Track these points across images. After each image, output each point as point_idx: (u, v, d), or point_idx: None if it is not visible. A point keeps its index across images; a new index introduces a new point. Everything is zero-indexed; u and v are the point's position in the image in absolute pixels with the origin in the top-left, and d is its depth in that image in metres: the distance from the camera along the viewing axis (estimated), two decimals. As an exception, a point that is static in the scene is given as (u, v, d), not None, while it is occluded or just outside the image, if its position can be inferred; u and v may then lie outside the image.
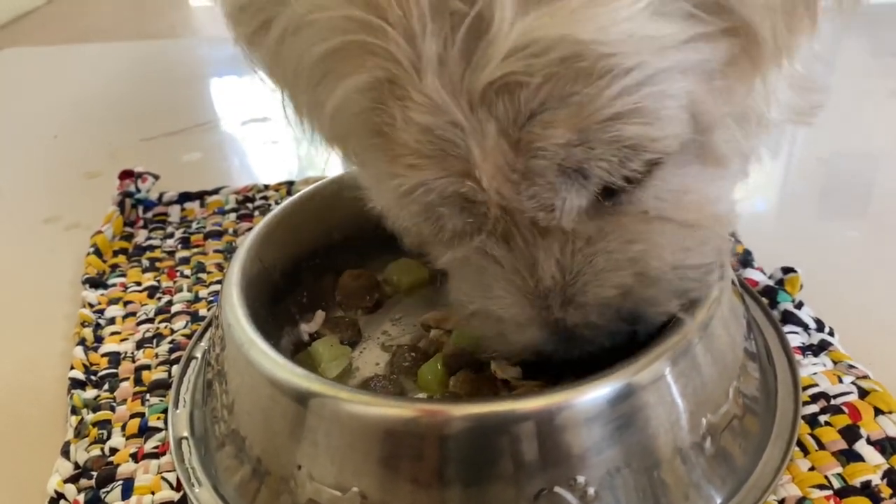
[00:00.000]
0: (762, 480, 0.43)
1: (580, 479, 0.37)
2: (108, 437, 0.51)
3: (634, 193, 0.38)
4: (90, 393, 0.54)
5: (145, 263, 0.70)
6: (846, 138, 0.86)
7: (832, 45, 1.15)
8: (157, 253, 0.71)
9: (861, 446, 0.45)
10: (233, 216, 0.76)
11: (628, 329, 0.41)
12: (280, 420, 0.41)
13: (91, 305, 0.64)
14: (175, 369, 0.55)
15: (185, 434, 0.49)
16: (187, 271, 0.68)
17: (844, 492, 0.43)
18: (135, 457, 0.49)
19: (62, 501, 0.46)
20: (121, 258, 0.71)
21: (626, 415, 0.39)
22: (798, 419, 0.46)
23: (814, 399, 0.49)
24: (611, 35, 0.31)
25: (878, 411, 0.47)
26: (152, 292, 0.65)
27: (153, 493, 0.46)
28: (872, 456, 0.45)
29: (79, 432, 0.51)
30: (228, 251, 0.70)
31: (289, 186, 0.80)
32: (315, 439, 0.40)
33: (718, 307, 0.43)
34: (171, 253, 0.71)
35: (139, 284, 0.67)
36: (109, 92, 1.16)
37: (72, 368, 0.56)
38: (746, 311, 0.49)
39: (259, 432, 0.43)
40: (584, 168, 0.35)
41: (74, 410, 0.52)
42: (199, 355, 0.55)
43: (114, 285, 0.67)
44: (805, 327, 0.54)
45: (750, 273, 0.60)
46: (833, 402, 0.48)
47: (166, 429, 0.50)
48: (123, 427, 0.51)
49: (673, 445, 0.40)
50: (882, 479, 0.43)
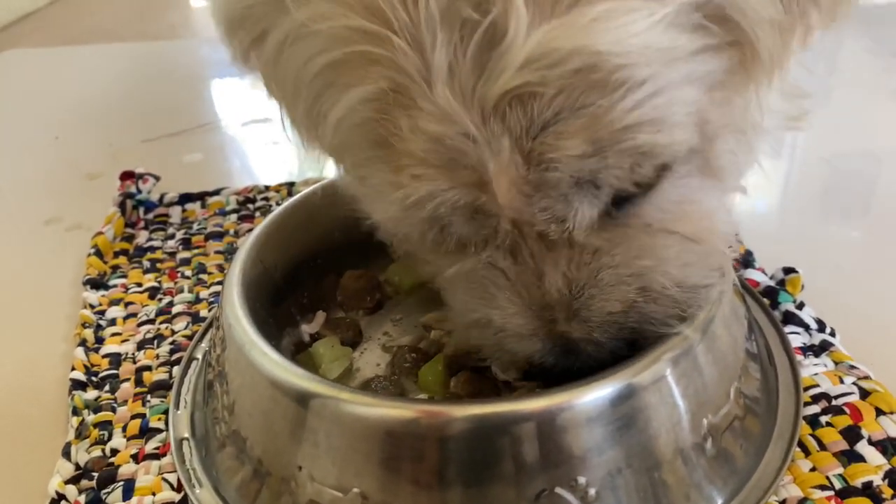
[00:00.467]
0: (763, 481, 0.43)
1: (581, 480, 0.37)
2: (109, 438, 0.51)
3: (640, 204, 0.38)
4: (91, 394, 0.54)
5: (146, 264, 0.70)
6: (848, 139, 0.86)
7: (833, 46, 1.15)
8: (158, 254, 0.71)
9: (862, 447, 0.45)
10: (234, 217, 0.76)
11: (628, 344, 0.41)
12: (281, 421, 0.41)
13: (92, 306, 0.64)
14: (176, 370, 0.55)
15: (186, 435, 0.49)
16: (188, 272, 0.68)
17: (846, 492, 0.43)
18: (136, 458, 0.49)
19: (63, 502, 0.46)
20: (122, 259, 0.71)
21: (628, 415, 0.39)
22: (799, 420, 0.46)
23: (815, 399, 0.49)
24: (627, 46, 0.31)
25: (880, 412, 0.47)
26: (153, 293, 0.65)
27: (154, 494, 0.46)
28: (874, 456, 0.45)
29: (80, 433, 0.51)
30: (229, 252, 0.71)
31: (289, 187, 0.80)
32: (316, 440, 0.40)
33: (720, 308, 0.43)
34: (172, 254, 0.71)
35: (140, 285, 0.67)
36: (110, 93, 1.16)
37: (73, 369, 0.56)
38: (748, 312, 0.49)
39: (260, 433, 0.43)
40: (598, 178, 0.34)
41: (75, 411, 0.52)
42: (200, 356, 0.55)
43: (115, 286, 0.67)
44: (806, 328, 0.54)
45: (751, 273, 0.60)
46: (834, 403, 0.48)
47: (167, 430, 0.50)
48: (124, 428, 0.51)
49: (674, 446, 0.40)
50: (883, 480, 0.43)
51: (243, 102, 1.07)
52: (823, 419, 0.47)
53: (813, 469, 0.44)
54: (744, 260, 0.62)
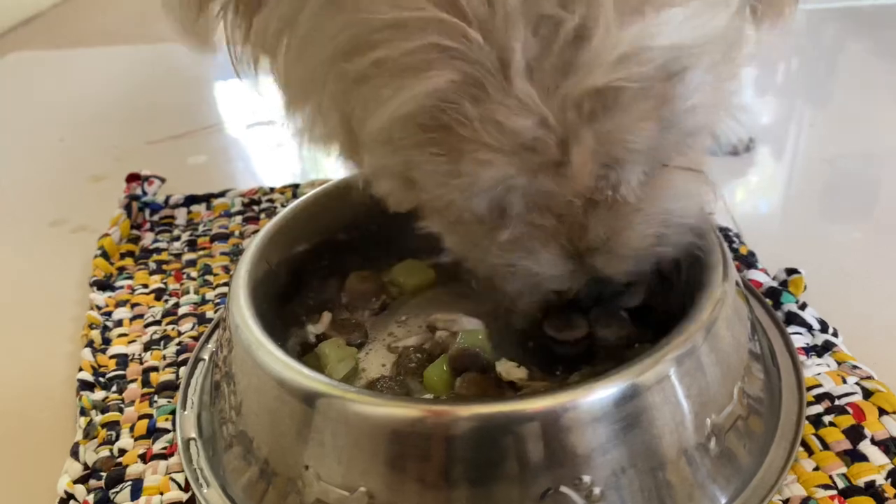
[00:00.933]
0: (767, 480, 0.43)
1: (586, 479, 0.38)
2: (117, 439, 0.51)
3: None
4: (98, 394, 0.55)
5: (152, 266, 0.70)
6: (850, 139, 0.86)
7: (835, 47, 1.16)
8: (164, 255, 0.72)
9: (865, 446, 0.45)
10: (239, 219, 0.77)
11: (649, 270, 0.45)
12: (287, 421, 0.41)
13: (98, 308, 0.64)
14: (182, 371, 0.56)
15: (193, 435, 0.49)
16: (194, 273, 0.68)
17: (849, 492, 0.43)
18: (143, 458, 0.49)
19: (72, 502, 0.47)
20: (128, 261, 0.71)
21: (632, 415, 0.39)
22: (802, 419, 0.46)
23: (818, 399, 0.49)
24: (708, 39, 0.34)
25: (883, 412, 0.47)
26: (159, 294, 0.66)
27: (162, 494, 0.47)
28: (877, 456, 0.45)
29: (87, 433, 0.51)
30: (234, 253, 0.71)
31: (294, 189, 0.81)
32: (322, 440, 0.40)
33: (723, 308, 0.44)
34: (178, 255, 0.71)
35: (146, 287, 0.67)
36: (115, 95, 1.16)
37: (80, 370, 0.57)
38: (750, 313, 0.49)
39: (266, 433, 0.43)
40: (658, 153, 0.38)
41: (83, 412, 0.53)
42: (207, 357, 0.56)
43: (121, 288, 0.67)
44: (809, 328, 0.54)
45: (754, 274, 0.60)
46: (837, 403, 0.48)
47: (174, 430, 0.50)
48: (132, 428, 0.52)
49: (678, 446, 0.40)
50: (886, 479, 0.43)
51: (248, 105, 1.08)
52: (826, 419, 0.47)
53: (816, 468, 0.45)
54: (746, 261, 0.62)
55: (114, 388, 0.55)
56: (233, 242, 0.73)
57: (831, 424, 0.47)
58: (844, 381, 0.50)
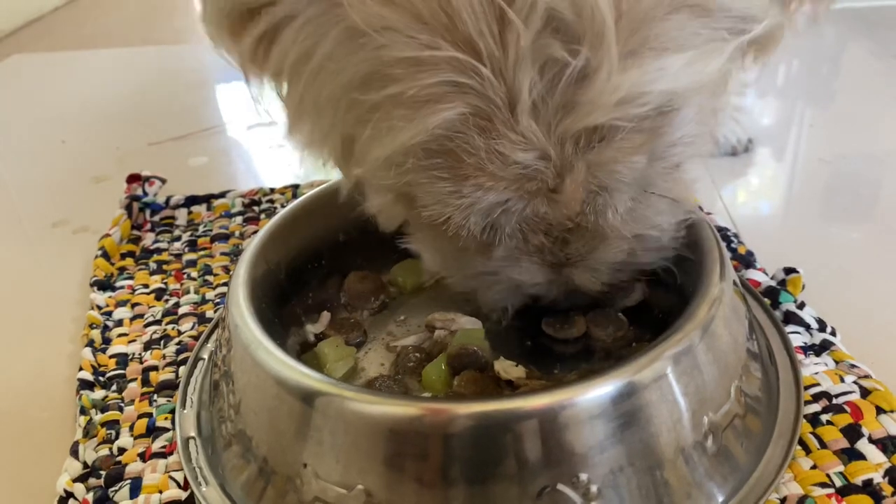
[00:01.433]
0: (764, 479, 0.43)
1: (583, 477, 0.38)
2: (117, 437, 0.51)
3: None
4: (98, 393, 0.55)
5: (153, 266, 0.70)
6: (850, 140, 0.87)
7: (837, 48, 1.16)
8: (165, 256, 0.72)
9: (863, 445, 0.45)
10: (239, 219, 0.77)
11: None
12: (286, 419, 0.42)
13: (99, 307, 0.64)
14: (182, 370, 0.56)
15: (193, 434, 0.50)
16: (194, 274, 0.69)
17: (846, 490, 0.43)
18: (143, 456, 0.49)
19: (71, 500, 0.47)
20: (128, 261, 0.71)
21: (629, 413, 0.39)
22: (800, 418, 0.46)
23: (816, 398, 0.49)
24: (701, 83, 0.36)
25: (880, 410, 0.47)
26: (160, 294, 0.66)
27: (161, 492, 0.47)
28: (874, 454, 0.45)
29: (87, 432, 0.51)
30: (235, 254, 0.71)
31: (294, 190, 0.81)
32: (321, 438, 0.40)
33: (720, 307, 0.44)
34: (178, 256, 0.72)
35: (147, 287, 0.67)
36: (117, 97, 1.17)
37: (80, 369, 0.57)
38: (748, 312, 0.49)
39: (265, 432, 0.43)
40: (643, 182, 0.40)
41: (83, 411, 0.53)
42: (206, 356, 0.56)
43: (121, 288, 0.67)
44: (807, 327, 0.55)
45: (752, 274, 0.60)
46: (835, 402, 0.48)
47: (174, 429, 0.51)
48: (131, 427, 0.52)
49: (675, 444, 0.40)
50: (884, 478, 0.43)
51: (248, 106, 1.08)
52: (824, 417, 0.47)
53: (814, 467, 0.45)
54: (745, 260, 0.62)
55: (114, 388, 0.56)
56: (233, 243, 0.73)
57: (829, 423, 0.47)
58: (842, 380, 0.50)
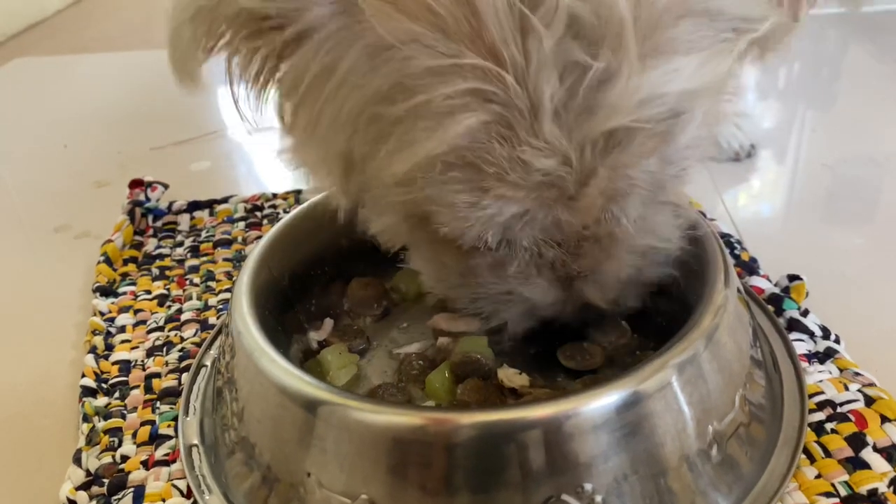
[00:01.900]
0: (769, 488, 0.43)
1: (587, 487, 0.38)
2: (119, 445, 0.51)
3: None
4: (101, 401, 0.55)
5: (155, 272, 0.70)
6: (852, 145, 0.86)
7: (838, 52, 1.16)
8: (167, 261, 0.72)
9: (867, 454, 0.45)
10: (241, 225, 0.77)
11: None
12: (289, 427, 0.41)
13: (101, 314, 0.64)
14: (185, 377, 0.56)
15: (196, 441, 0.50)
16: (197, 280, 0.68)
17: (851, 499, 0.43)
18: (146, 464, 0.49)
19: (74, 508, 0.47)
20: (131, 267, 0.71)
21: (633, 422, 0.39)
22: (804, 427, 0.46)
23: (820, 407, 0.49)
24: (714, 83, 0.37)
25: (885, 419, 0.47)
26: (162, 300, 0.66)
27: (164, 501, 0.47)
28: (879, 463, 0.45)
29: (90, 440, 0.51)
30: (237, 259, 0.71)
31: (297, 195, 0.81)
32: (324, 447, 0.40)
33: (724, 315, 0.44)
34: (181, 261, 0.72)
35: (149, 293, 0.67)
36: (118, 101, 1.17)
37: (83, 376, 0.57)
38: (752, 319, 0.49)
39: (268, 440, 0.43)
40: (656, 186, 0.40)
41: (86, 418, 0.53)
42: (209, 363, 0.56)
43: (124, 294, 0.67)
44: (811, 335, 0.54)
45: (755, 281, 0.60)
46: (839, 410, 0.48)
47: (177, 436, 0.51)
48: (134, 435, 0.52)
49: (679, 453, 0.40)
50: (888, 487, 0.43)
51: (250, 111, 1.08)
52: (829, 426, 0.47)
53: (818, 476, 0.45)
54: (748, 267, 0.62)
55: (116, 395, 0.56)
56: (236, 248, 0.73)
57: (833, 432, 0.47)
58: (847, 388, 0.50)
